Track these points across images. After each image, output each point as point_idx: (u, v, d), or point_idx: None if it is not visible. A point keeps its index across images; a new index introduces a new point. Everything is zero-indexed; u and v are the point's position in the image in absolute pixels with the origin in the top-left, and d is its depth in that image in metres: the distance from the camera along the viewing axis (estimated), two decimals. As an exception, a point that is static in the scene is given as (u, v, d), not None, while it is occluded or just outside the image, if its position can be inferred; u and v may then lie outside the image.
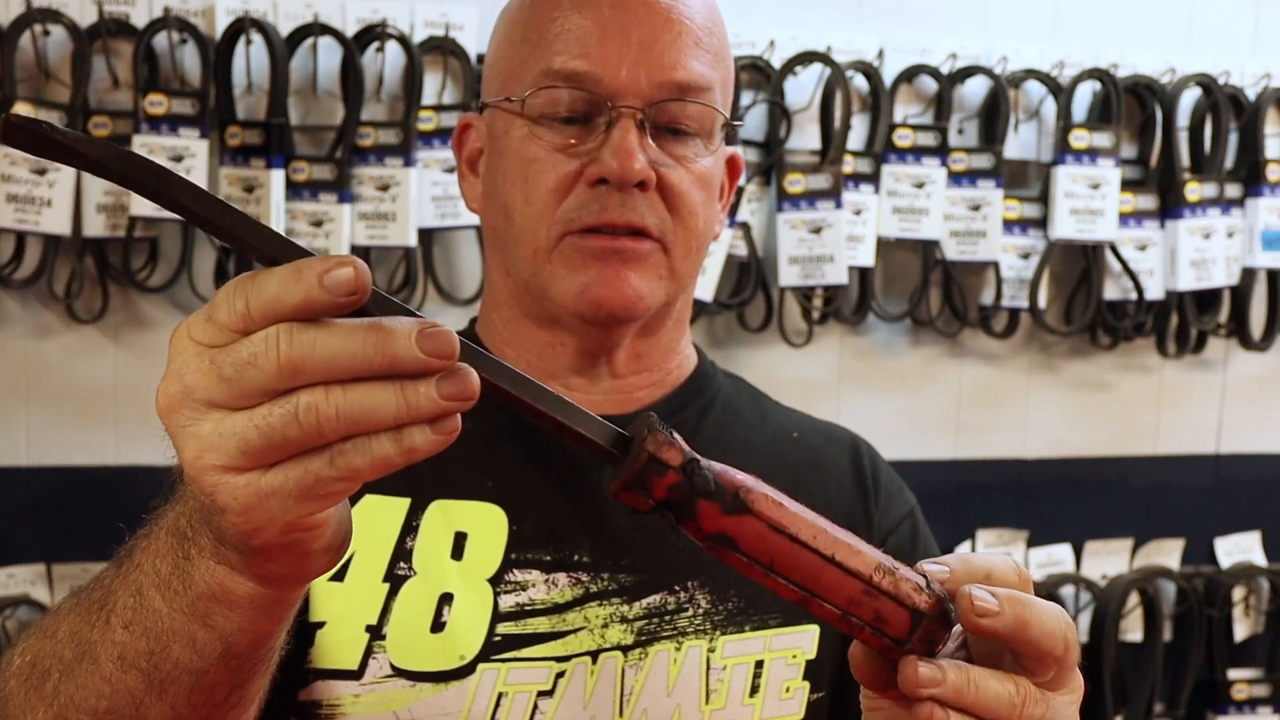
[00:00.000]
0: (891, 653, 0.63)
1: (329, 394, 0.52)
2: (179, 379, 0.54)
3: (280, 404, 0.52)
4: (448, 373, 0.53)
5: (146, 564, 0.63)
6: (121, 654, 0.64)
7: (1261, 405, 2.12)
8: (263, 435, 0.53)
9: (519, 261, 0.99)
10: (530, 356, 1.03)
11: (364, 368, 0.52)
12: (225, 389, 0.53)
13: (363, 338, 0.52)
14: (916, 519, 1.08)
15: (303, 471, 0.54)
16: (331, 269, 0.52)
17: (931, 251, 1.89)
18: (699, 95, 0.97)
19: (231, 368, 0.53)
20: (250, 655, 0.65)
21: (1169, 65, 1.96)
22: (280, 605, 0.63)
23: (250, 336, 0.52)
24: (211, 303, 0.54)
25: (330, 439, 0.53)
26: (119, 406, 1.70)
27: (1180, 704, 2.04)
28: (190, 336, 0.55)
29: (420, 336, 0.52)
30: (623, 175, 0.93)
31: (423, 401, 0.52)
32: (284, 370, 0.52)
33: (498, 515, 0.96)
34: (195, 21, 1.64)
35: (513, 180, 0.98)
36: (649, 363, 1.05)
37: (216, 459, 0.54)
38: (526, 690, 0.92)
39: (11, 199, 1.59)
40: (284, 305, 0.52)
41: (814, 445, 1.08)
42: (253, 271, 0.54)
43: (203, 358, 0.54)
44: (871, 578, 0.62)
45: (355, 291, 0.52)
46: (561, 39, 0.96)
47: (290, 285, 0.52)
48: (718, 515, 0.60)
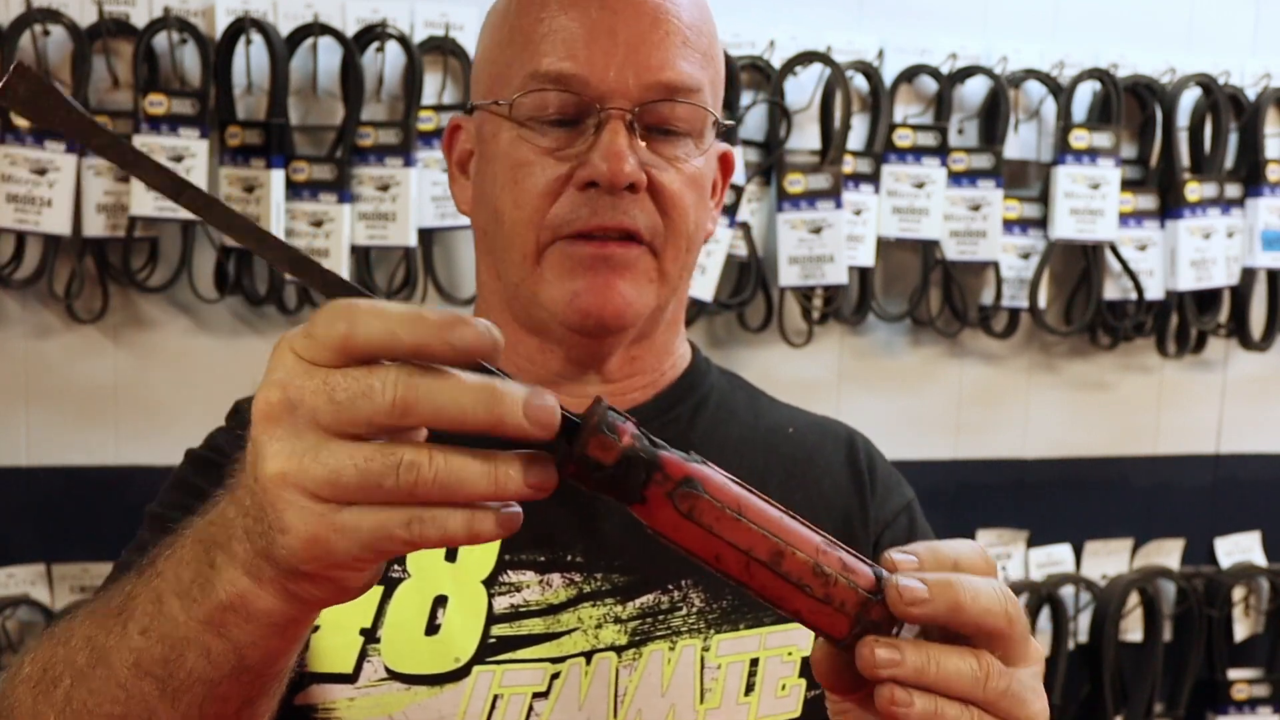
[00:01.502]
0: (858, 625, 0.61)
1: (431, 457, 0.54)
2: (282, 389, 0.55)
3: (385, 452, 0.54)
4: (534, 462, 0.56)
5: (169, 571, 0.63)
6: (137, 660, 0.64)
7: (1261, 405, 2.12)
8: (359, 475, 0.54)
9: (508, 266, 0.98)
10: (520, 361, 1.03)
11: (470, 422, 0.54)
12: (334, 412, 0.54)
13: (475, 394, 0.54)
14: (914, 512, 1.08)
15: (376, 523, 0.55)
16: (456, 325, 0.54)
17: (931, 251, 1.89)
18: (688, 95, 0.96)
19: (345, 393, 0.54)
20: (263, 671, 0.64)
21: (1169, 65, 1.96)
22: (295, 625, 0.63)
23: (372, 369, 0.54)
24: (313, 321, 0.55)
25: (418, 500, 0.54)
26: (119, 406, 1.70)
27: (1180, 704, 2.04)
28: (293, 350, 0.55)
29: (529, 405, 0.54)
30: (613, 178, 0.92)
31: (510, 485, 0.55)
32: (395, 408, 0.53)
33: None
34: (195, 21, 1.64)
35: (502, 184, 0.97)
36: (643, 366, 1.04)
37: (302, 480, 0.54)
38: (522, 692, 0.92)
39: (11, 199, 1.59)
40: (401, 344, 0.54)
41: (809, 440, 1.08)
42: (357, 300, 0.55)
43: (314, 376, 0.54)
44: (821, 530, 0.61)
45: (472, 352, 0.55)
46: (548, 40, 0.95)
47: (409, 326, 0.54)
48: (680, 463, 0.59)
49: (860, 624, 0.60)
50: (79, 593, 1.68)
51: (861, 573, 0.61)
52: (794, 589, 0.60)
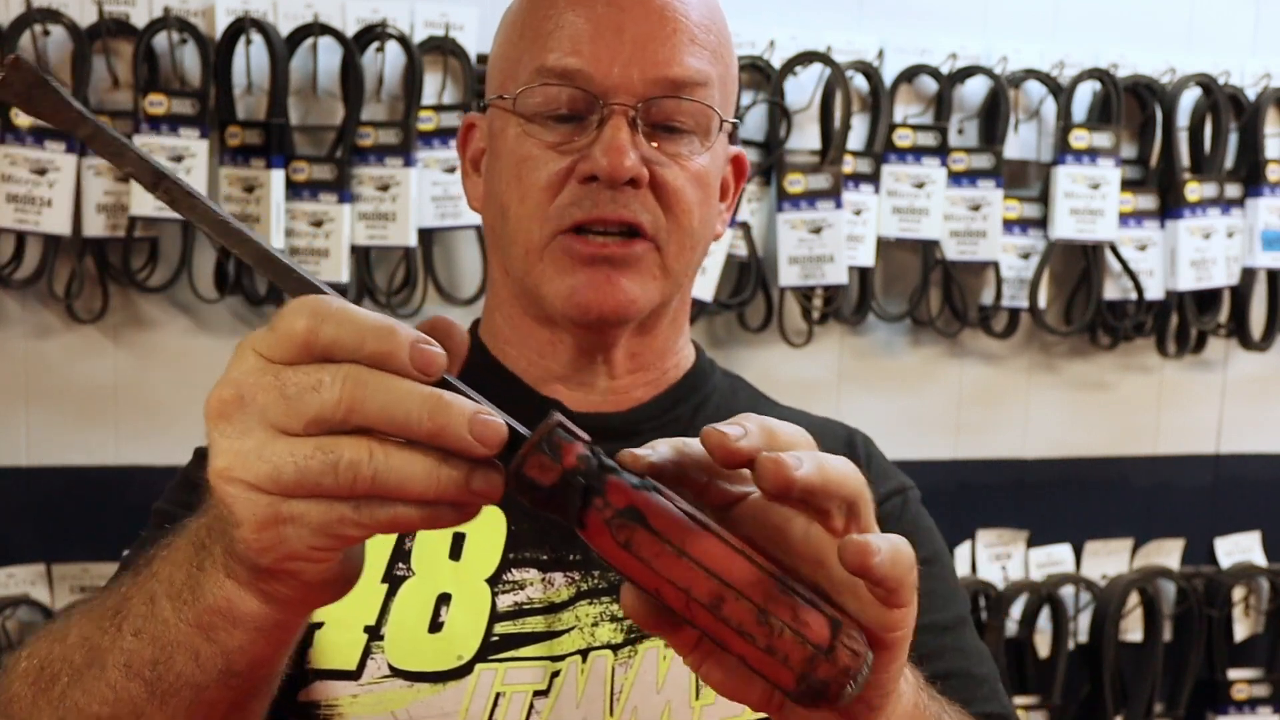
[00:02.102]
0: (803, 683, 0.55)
1: (371, 454, 0.54)
2: (235, 386, 0.55)
3: (324, 449, 0.54)
4: (484, 468, 0.55)
5: (163, 572, 0.63)
6: (128, 661, 0.64)
7: (1261, 405, 2.12)
8: (298, 472, 0.54)
9: (513, 260, 0.99)
10: (531, 355, 1.04)
11: (413, 429, 0.54)
12: (282, 408, 0.54)
13: (421, 401, 0.54)
14: (909, 498, 1.08)
15: (326, 509, 0.55)
16: (422, 344, 0.54)
17: (931, 251, 1.89)
18: (693, 92, 0.96)
19: (295, 387, 0.54)
20: (250, 676, 0.64)
21: (1169, 65, 1.96)
22: (281, 629, 0.63)
23: (322, 365, 0.54)
24: (279, 315, 0.55)
25: (358, 495, 0.54)
26: (119, 406, 1.70)
27: (1180, 704, 2.04)
28: (254, 348, 0.55)
29: (474, 420, 0.54)
30: (612, 172, 0.93)
31: (451, 489, 0.54)
32: (341, 403, 0.53)
33: (497, 515, 0.96)
34: (195, 21, 1.64)
35: (507, 179, 0.98)
36: (645, 362, 1.05)
37: (244, 474, 0.54)
38: (523, 690, 0.92)
39: (11, 199, 1.59)
40: (364, 350, 0.54)
41: None
42: (326, 299, 0.55)
43: (266, 371, 0.54)
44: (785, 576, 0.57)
45: (432, 373, 0.54)
46: (555, 36, 0.96)
47: (378, 336, 0.54)
48: (627, 489, 0.56)
49: (805, 682, 0.55)
50: (79, 593, 1.68)
51: (814, 624, 0.55)
52: (735, 634, 0.55)
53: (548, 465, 0.56)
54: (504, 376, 1.04)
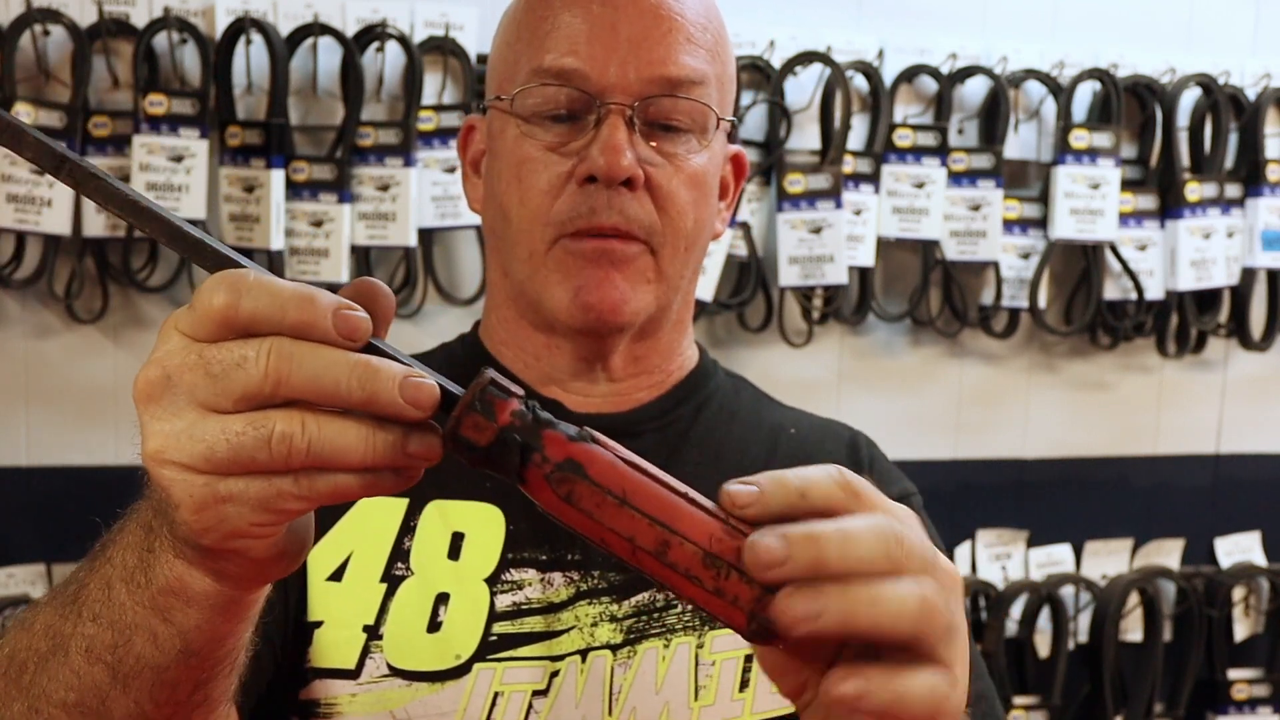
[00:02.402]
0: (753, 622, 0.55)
1: (304, 426, 0.53)
2: (160, 366, 0.55)
3: (256, 425, 0.53)
4: (419, 431, 0.55)
5: (117, 557, 0.64)
6: (89, 646, 0.64)
7: (1261, 405, 2.12)
8: (231, 450, 0.53)
9: (516, 263, 1.00)
10: (528, 358, 1.04)
11: (343, 397, 0.53)
12: (209, 385, 0.53)
13: (349, 369, 0.53)
14: (912, 504, 1.07)
15: (264, 485, 0.54)
16: (344, 310, 0.54)
17: (931, 251, 1.89)
18: (690, 90, 0.96)
19: (219, 365, 0.53)
20: (210, 654, 0.65)
21: (1169, 65, 1.96)
22: (237, 605, 0.63)
23: (246, 340, 0.53)
24: (198, 291, 0.55)
25: (295, 468, 0.54)
26: (119, 406, 1.70)
27: (1180, 704, 2.04)
28: (176, 327, 0.55)
29: (404, 383, 0.54)
30: (609, 171, 0.93)
31: (388, 454, 0.54)
32: (269, 378, 0.53)
33: (495, 515, 0.97)
34: (195, 21, 1.64)
35: (508, 181, 0.98)
36: (648, 365, 1.05)
37: (177, 456, 0.54)
38: (522, 690, 0.92)
39: (11, 199, 1.59)
40: (286, 320, 0.53)
41: (810, 440, 1.09)
42: (244, 272, 0.54)
43: (190, 350, 0.54)
44: (729, 518, 0.56)
45: (357, 338, 0.54)
46: (552, 37, 0.96)
47: (298, 306, 0.53)
48: (565, 442, 0.56)
49: (755, 620, 0.55)
50: (79, 593, 1.68)
51: None
52: (683, 579, 0.55)
53: (482, 424, 0.55)
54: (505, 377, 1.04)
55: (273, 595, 0.75)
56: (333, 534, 0.95)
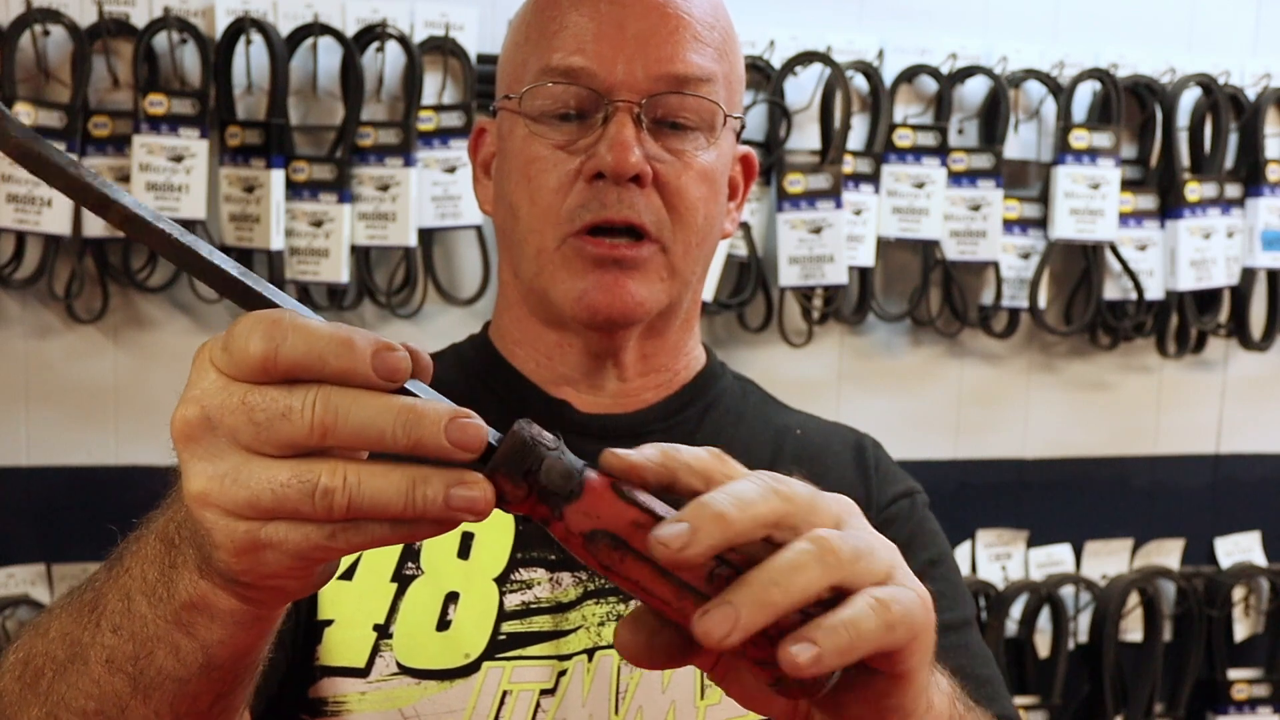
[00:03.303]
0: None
1: (345, 481, 0.53)
2: (200, 406, 0.54)
3: (301, 475, 0.53)
4: (463, 482, 0.54)
5: (136, 569, 0.63)
6: (109, 657, 0.64)
7: (1261, 405, 2.12)
8: (276, 499, 0.53)
9: (525, 262, 1.00)
10: (540, 356, 1.04)
11: (389, 445, 0.53)
12: (253, 433, 0.53)
13: (394, 416, 0.53)
14: (916, 501, 1.08)
15: (303, 536, 0.54)
16: (383, 352, 0.53)
17: (931, 251, 1.89)
18: (697, 88, 0.96)
19: (264, 414, 0.53)
20: (232, 667, 0.65)
21: (1169, 65, 1.96)
22: (261, 622, 0.63)
23: (290, 389, 0.53)
24: (231, 334, 0.54)
25: (336, 520, 0.54)
26: (119, 406, 1.70)
27: (1180, 704, 2.04)
28: (213, 363, 0.55)
29: (450, 426, 0.53)
30: (617, 168, 0.93)
31: (431, 507, 0.54)
32: (315, 431, 0.53)
33: (505, 516, 0.97)
34: (195, 21, 1.64)
35: (517, 180, 0.98)
36: (656, 364, 1.05)
37: (222, 501, 0.54)
38: (530, 688, 0.92)
39: (11, 199, 1.59)
40: (327, 368, 0.53)
41: (816, 442, 1.09)
42: (280, 314, 0.54)
43: (232, 394, 0.54)
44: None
45: (398, 379, 0.54)
46: (560, 36, 0.96)
47: (338, 353, 0.53)
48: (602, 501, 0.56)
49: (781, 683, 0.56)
50: (79, 593, 1.68)
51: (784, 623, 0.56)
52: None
53: (518, 483, 0.56)
54: (514, 377, 1.04)
55: None
56: None
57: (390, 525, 0.55)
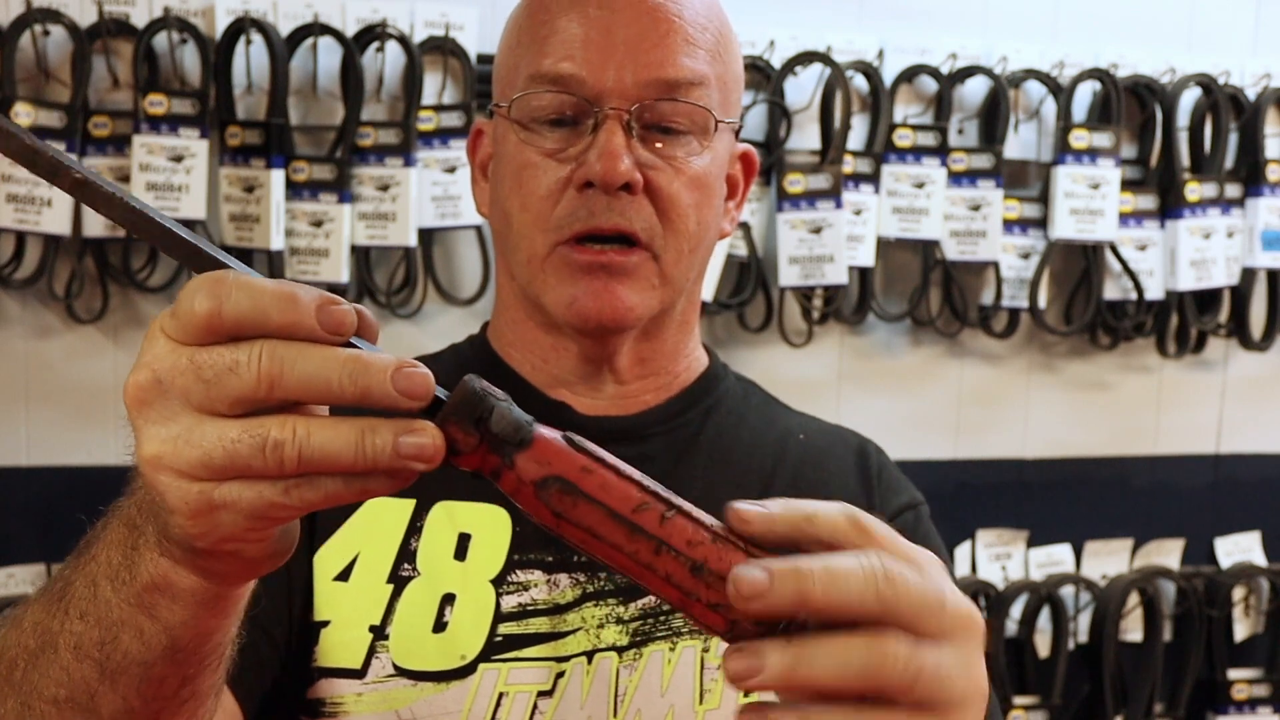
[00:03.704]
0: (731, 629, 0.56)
1: (295, 434, 0.53)
2: (150, 371, 0.55)
3: (251, 430, 0.53)
4: (412, 429, 0.54)
5: (101, 554, 0.64)
6: (77, 643, 0.64)
7: (1261, 405, 2.12)
8: (227, 456, 0.54)
9: (518, 266, 1.00)
10: (535, 360, 1.04)
11: (336, 395, 0.54)
12: (203, 391, 0.54)
13: (340, 365, 0.53)
14: (920, 514, 1.08)
15: (256, 494, 0.54)
16: (327, 306, 0.54)
17: (931, 251, 1.89)
18: (689, 92, 0.96)
19: (212, 370, 0.53)
20: (196, 650, 0.65)
21: (1169, 65, 1.96)
22: (223, 601, 0.63)
23: (236, 345, 0.53)
24: (178, 298, 0.55)
25: (289, 474, 0.54)
26: (119, 406, 1.69)
27: (1180, 704, 2.04)
28: (162, 329, 0.55)
29: (396, 374, 0.53)
30: (606, 177, 0.93)
31: (380, 456, 0.54)
32: (262, 382, 0.53)
33: (501, 516, 0.97)
34: (195, 21, 1.64)
35: (510, 187, 0.98)
36: (654, 367, 1.05)
37: (175, 463, 0.54)
38: (527, 690, 0.92)
39: (11, 199, 1.59)
40: (270, 323, 0.53)
41: (819, 446, 1.09)
42: (224, 274, 0.54)
43: (180, 354, 0.54)
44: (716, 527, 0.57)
45: (344, 331, 0.54)
46: (550, 42, 0.96)
47: (281, 307, 0.53)
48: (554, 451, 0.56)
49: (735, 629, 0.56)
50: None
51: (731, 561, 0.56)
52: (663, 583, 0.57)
53: (468, 430, 0.56)
54: (511, 379, 1.04)
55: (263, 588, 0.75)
56: (340, 534, 0.95)
57: (343, 479, 0.55)
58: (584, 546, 0.57)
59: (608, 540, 0.56)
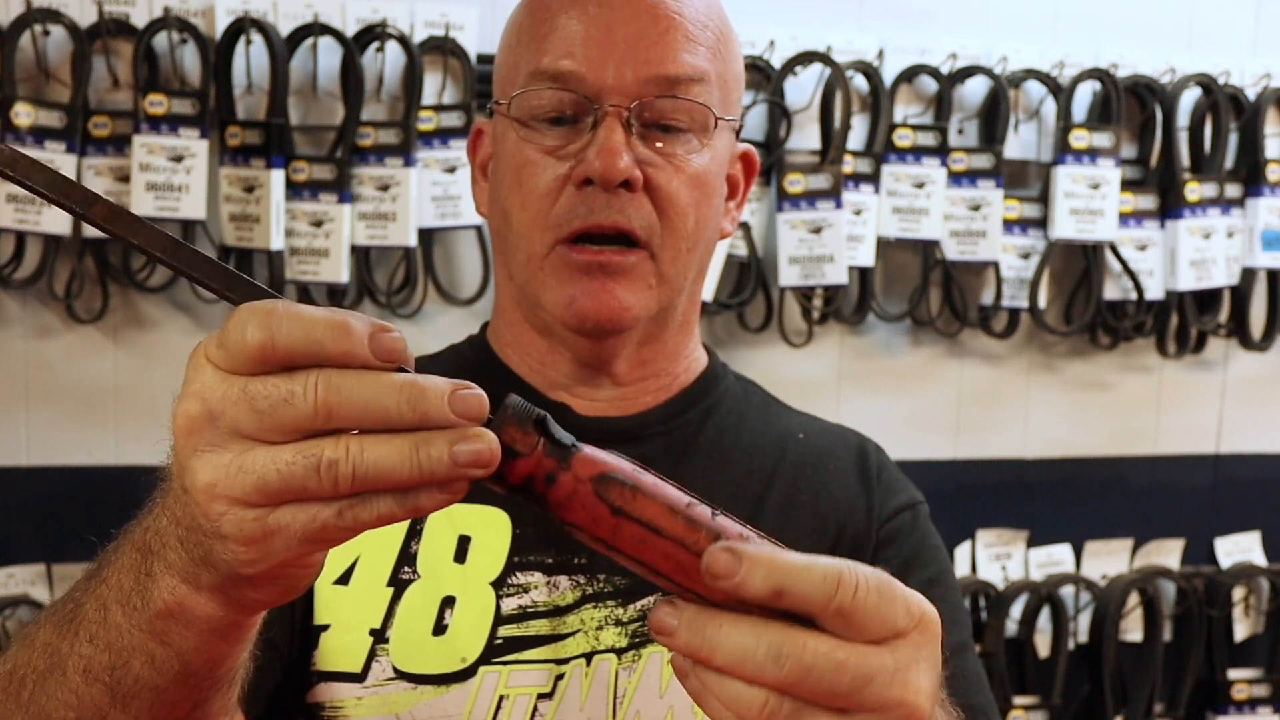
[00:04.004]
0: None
1: (349, 452, 0.53)
2: (201, 400, 0.54)
3: (304, 452, 0.53)
4: (466, 437, 0.54)
5: (112, 578, 0.63)
6: (87, 666, 0.64)
7: (1261, 405, 2.12)
8: (282, 479, 0.53)
9: (517, 266, 1.00)
10: (532, 362, 1.04)
11: (395, 421, 0.53)
12: (256, 421, 0.53)
13: (398, 391, 0.53)
14: (919, 514, 1.07)
15: (310, 517, 0.54)
16: (379, 334, 0.54)
17: (931, 251, 1.89)
18: (688, 90, 0.96)
19: (266, 401, 0.53)
20: (208, 675, 0.65)
21: (1169, 65, 1.96)
22: (237, 629, 0.63)
23: (289, 375, 0.53)
24: (226, 328, 0.54)
25: (343, 494, 0.54)
26: (119, 406, 1.70)
27: (1180, 704, 2.04)
28: (209, 358, 0.55)
29: (453, 397, 0.53)
30: (605, 174, 0.92)
31: (437, 467, 0.54)
32: (319, 413, 0.53)
33: (501, 519, 0.96)
34: (195, 21, 1.64)
35: (509, 185, 0.98)
36: (654, 368, 1.05)
37: (230, 490, 0.54)
38: (527, 693, 0.92)
39: (11, 199, 1.59)
40: (325, 353, 0.53)
41: (819, 446, 1.08)
42: (273, 304, 0.54)
43: (232, 384, 0.54)
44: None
45: (395, 359, 0.54)
46: (549, 40, 0.96)
47: (335, 337, 0.53)
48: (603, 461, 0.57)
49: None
50: (79, 593, 1.68)
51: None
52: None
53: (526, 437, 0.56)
54: (512, 381, 1.04)
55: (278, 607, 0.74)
56: None
57: (396, 497, 0.54)
58: (637, 546, 0.57)
59: (668, 534, 0.56)
